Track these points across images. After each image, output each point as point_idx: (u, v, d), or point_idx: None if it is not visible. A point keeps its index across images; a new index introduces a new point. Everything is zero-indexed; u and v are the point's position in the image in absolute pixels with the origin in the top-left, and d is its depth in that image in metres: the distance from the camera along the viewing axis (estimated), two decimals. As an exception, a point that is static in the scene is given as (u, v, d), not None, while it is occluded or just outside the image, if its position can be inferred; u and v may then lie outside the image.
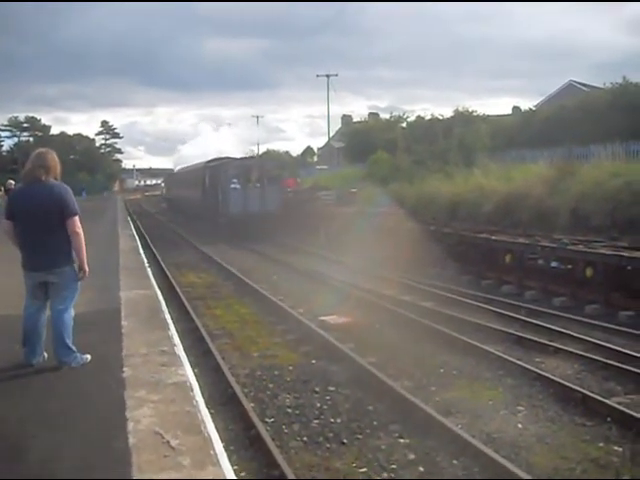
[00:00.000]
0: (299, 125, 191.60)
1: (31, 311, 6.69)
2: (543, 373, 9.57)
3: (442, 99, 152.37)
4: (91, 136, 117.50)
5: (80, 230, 6.59)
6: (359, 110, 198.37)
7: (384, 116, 54.47)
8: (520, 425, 7.98)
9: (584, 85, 42.53)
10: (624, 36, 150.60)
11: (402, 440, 7.56)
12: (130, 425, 4.95)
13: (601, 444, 7.42)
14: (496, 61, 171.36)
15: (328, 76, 62.59)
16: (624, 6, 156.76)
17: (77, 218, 6.60)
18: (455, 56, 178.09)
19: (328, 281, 18.16)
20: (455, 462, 6.96)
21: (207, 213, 37.11)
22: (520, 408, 8.52)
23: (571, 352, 10.73)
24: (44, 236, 6.53)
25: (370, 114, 60.56)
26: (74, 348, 6.65)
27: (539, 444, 7.45)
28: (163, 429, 4.85)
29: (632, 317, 13.42)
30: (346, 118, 68.61)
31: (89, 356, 6.77)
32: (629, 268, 14.46)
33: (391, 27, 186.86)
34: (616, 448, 7.30)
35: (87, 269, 6.63)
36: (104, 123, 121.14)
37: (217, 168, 36.01)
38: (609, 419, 7.96)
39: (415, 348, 11.19)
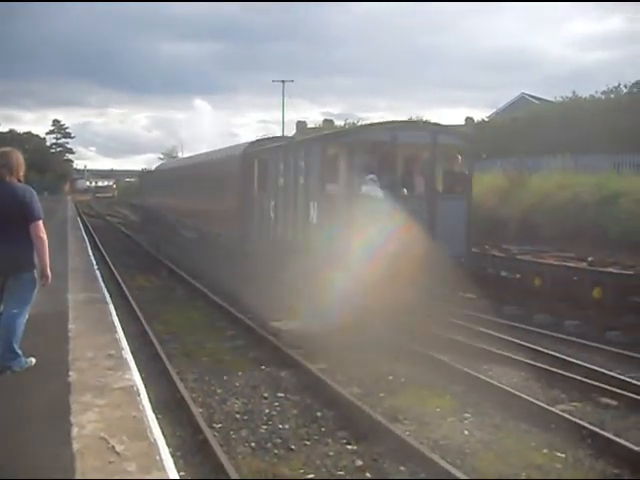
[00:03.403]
0: (253, 130, 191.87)
1: None
2: (490, 381, 9.69)
3: (396, 108, 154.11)
4: (42, 135, 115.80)
5: (44, 235, 6.48)
6: (313, 117, 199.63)
7: (339, 123, 54.63)
8: (467, 432, 8.07)
9: (535, 98, 43.35)
10: (574, 52, 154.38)
11: (350, 446, 7.58)
12: (75, 430, 4.88)
13: (545, 450, 7.54)
14: (450, 72, 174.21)
15: (284, 82, 62.80)
16: (573, 23, 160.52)
17: (41, 222, 6.49)
18: (409, 66, 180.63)
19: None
20: (402, 468, 7.00)
21: (261, 244, 17.76)
22: (467, 415, 8.61)
23: (518, 360, 10.88)
24: (4, 239, 6.38)
25: (325, 120, 60.66)
26: (20, 352, 6.53)
27: (485, 450, 7.53)
28: (108, 434, 4.80)
29: (578, 326, 13.67)
30: (301, 124, 68.63)
31: (34, 359, 6.65)
32: (575, 278, 14.77)
33: (347, 36, 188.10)
34: (559, 454, 7.43)
35: (50, 274, 6.53)
36: (55, 122, 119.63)
37: (308, 148, 15.16)
38: (553, 426, 8.09)
39: (365, 355, 11.22)
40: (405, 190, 13.81)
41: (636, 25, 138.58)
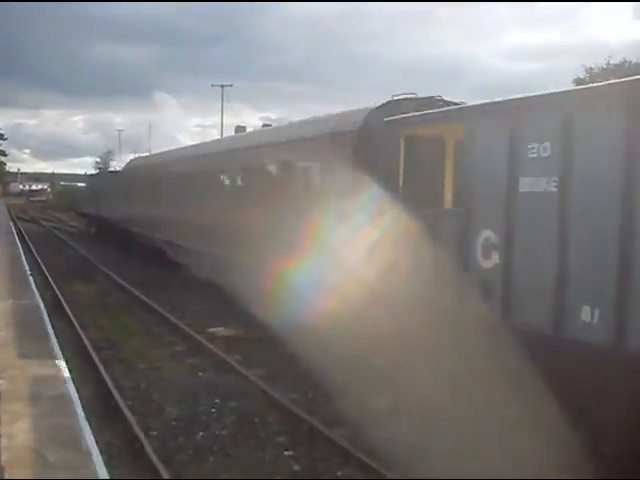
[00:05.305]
0: (191, 134, 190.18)
1: None
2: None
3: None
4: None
5: None
6: (252, 121, 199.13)
7: (278, 127, 54.46)
8: (404, 435, 8.11)
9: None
10: (505, 62, 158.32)
11: (287, 452, 7.58)
12: (3, 441, 4.76)
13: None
14: (384, 79, 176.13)
15: (222, 86, 62.17)
16: (506, 34, 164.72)
17: None
18: (347, 72, 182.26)
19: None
20: (339, 473, 7.02)
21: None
22: (404, 419, 8.65)
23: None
24: None
25: (264, 125, 60.48)
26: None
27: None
28: (40, 444, 4.70)
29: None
30: (239, 129, 68.32)
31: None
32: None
33: (285, 41, 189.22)
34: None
35: None
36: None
37: None
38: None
39: (303, 361, 11.20)
40: None
41: (568, 37, 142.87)
